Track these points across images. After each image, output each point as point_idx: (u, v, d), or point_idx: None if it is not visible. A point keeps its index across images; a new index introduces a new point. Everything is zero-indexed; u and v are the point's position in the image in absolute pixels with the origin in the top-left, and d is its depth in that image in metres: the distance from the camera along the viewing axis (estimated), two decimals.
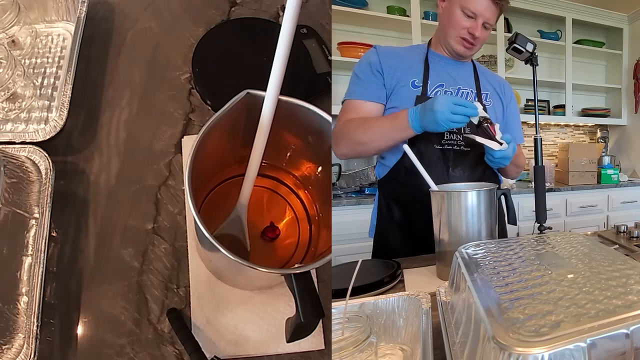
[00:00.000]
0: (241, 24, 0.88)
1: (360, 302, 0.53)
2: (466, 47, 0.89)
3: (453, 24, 0.88)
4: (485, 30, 0.88)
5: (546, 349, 0.28)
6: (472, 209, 0.70)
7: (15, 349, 0.62)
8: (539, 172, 0.89)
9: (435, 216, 0.73)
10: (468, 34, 0.87)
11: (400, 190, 0.90)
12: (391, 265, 0.73)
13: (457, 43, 0.89)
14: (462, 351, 0.38)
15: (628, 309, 0.31)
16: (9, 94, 0.77)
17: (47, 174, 0.71)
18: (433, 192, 0.73)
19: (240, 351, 0.66)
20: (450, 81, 0.90)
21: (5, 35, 0.80)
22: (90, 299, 0.68)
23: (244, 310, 0.69)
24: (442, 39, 0.92)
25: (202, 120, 0.81)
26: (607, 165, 2.22)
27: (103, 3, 0.89)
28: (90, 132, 0.79)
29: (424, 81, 0.88)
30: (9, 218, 0.66)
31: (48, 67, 0.83)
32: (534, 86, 0.95)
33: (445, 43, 0.91)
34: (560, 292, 0.36)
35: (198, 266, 0.70)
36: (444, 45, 0.92)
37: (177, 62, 0.86)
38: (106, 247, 0.71)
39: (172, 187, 0.76)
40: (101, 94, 0.82)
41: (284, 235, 0.69)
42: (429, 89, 0.88)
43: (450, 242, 0.71)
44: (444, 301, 0.50)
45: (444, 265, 0.71)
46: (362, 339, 0.42)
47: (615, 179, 2.16)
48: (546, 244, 0.51)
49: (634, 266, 0.40)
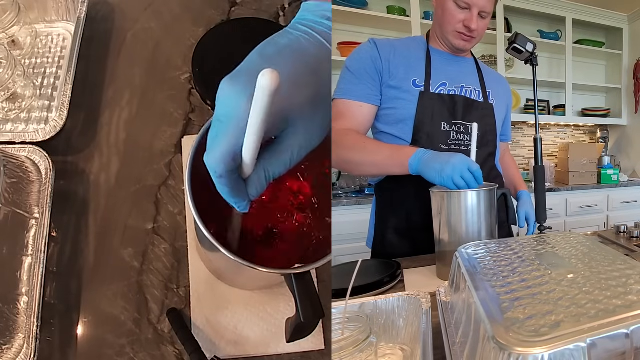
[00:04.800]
0: (241, 24, 0.88)
1: (360, 302, 0.53)
2: (465, 41, 0.86)
3: (448, 17, 0.85)
4: (482, 20, 0.85)
5: (546, 349, 0.28)
6: (472, 209, 0.70)
7: (15, 349, 0.62)
8: (539, 172, 0.89)
9: (435, 216, 0.73)
10: (464, 27, 0.84)
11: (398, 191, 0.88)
12: (391, 265, 0.73)
13: (454, 37, 0.86)
14: (462, 351, 0.38)
15: (628, 309, 0.31)
16: (9, 94, 0.77)
17: (47, 174, 0.71)
18: (433, 192, 0.73)
19: (240, 351, 0.66)
20: (453, 79, 0.88)
21: (5, 35, 0.80)
22: (90, 299, 0.68)
23: (244, 310, 0.69)
24: (440, 35, 0.89)
25: (202, 120, 0.81)
26: (607, 165, 2.22)
27: (103, 3, 0.89)
28: (90, 132, 0.79)
29: (426, 79, 0.86)
30: (9, 218, 0.66)
31: (48, 67, 0.83)
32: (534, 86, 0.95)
33: (442, 38, 0.88)
34: (560, 292, 0.36)
35: (198, 266, 0.70)
36: (442, 40, 0.89)
37: (177, 62, 0.86)
38: (106, 247, 0.71)
39: (172, 187, 0.76)
40: (101, 94, 0.82)
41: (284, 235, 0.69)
42: (432, 86, 0.85)
43: (450, 242, 0.71)
44: (444, 301, 0.50)
45: (444, 265, 0.71)
46: (362, 339, 0.42)
47: (615, 179, 2.16)
48: (546, 244, 0.51)
49: (634, 266, 0.40)
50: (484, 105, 0.90)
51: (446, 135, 0.85)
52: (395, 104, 0.85)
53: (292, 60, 0.40)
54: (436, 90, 0.86)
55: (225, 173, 0.39)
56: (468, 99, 0.88)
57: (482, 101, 0.90)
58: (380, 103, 0.85)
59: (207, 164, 0.40)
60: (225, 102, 0.39)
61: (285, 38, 0.42)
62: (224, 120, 0.38)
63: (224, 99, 0.39)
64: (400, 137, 0.85)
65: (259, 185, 0.41)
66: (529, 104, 2.19)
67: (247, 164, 0.40)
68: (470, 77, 0.90)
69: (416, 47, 0.89)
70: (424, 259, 0.82)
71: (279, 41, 0.42)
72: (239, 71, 0.40)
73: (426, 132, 0.84)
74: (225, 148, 0.38)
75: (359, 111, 0.83)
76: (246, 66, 0.41)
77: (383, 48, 0.86)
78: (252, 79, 0.36)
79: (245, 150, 0.38)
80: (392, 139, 0.85)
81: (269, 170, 0.41)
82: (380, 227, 0.91)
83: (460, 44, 0.87)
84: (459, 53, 0.90)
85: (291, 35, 0.42)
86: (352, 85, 0.84)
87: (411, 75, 0.85)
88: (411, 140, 0.84)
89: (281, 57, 0.40)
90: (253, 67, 0.39)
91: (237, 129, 0.38)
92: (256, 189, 0.41)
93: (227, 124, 0.38)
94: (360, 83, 0.84)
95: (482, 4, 0.83)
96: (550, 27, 2.27)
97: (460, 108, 0.86)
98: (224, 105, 0.39)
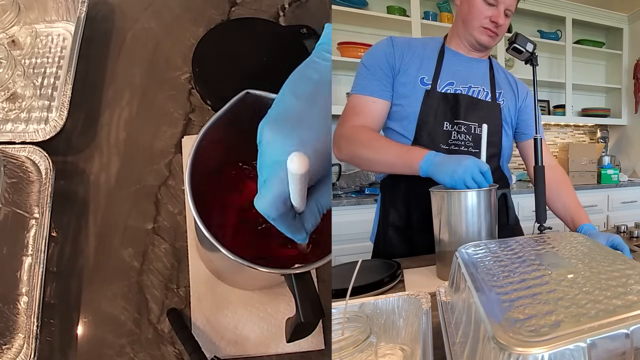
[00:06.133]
0: (241, 24, 0.88)
1: (360, 302, 0.53)
2: (490, 36, 0.87)
3: (475, 13, 0.86)
4: (506, 18, 0.86)
5: (546, 349, 0.28)
6: (472, 209, 0.70)
7: (15, 349, 0.62)
8: (539, 172, 0.89)
9: (435, 216, 0.73)
10: (491, 22, 0.85)
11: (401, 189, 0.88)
12: (391, 265, 0.73)
13: (480, 33, 0.87)
14: (462, 351, 0.38)
15: (628, 309, 0.31)
16: (9, 94, 0.77)
17: (47, 174, 0.71)
18: (433, 192, 0.73)
19: (240, 351, 0.66)
20: (461, 79, 0.88)
21: (5, 35, 0.80)
22: (90, 299, 0.68)
23: (244, 310, 0.69)
24: (463, 32, 0.89)
25: (202, 120, 0.81)
26: (607, 165, 2.22)
27: (103, 3, 0.89)
28: (90, 132, 0.79)
29: (434, 77, 0.86)
30: (9, 218, 0.66)
31: (48, 67, 0.83)
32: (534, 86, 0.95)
33: (467, 35, 0.89)
34: (560, 292, 0.36)
35: (198, 266, 0.70)
36: (464, 38, 0.89)
37: (177, 62, 0.86)
38: (106, 247, 0.71)
39: (172, 187, 0.76)
40: (101, 94, 0.82)
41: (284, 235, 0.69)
42: (438, 85, 0.86)
43: (450, 242, 0.71)
44: (444, 301, 0.50)
45: (444, 265, 0.71)
46: (362, 339, 0.42)
47: (615, 179, 2.16)
48: (546, 244, 0.51)
49: (634, 266, 0.40)
50: (490, 104, 0.89)
51: (447, 135, 0.85)
52: (402, 101, 0.85)
53: (329, 97, 0.41)
54: (442, 90, 0.86)
55: (278, 216, 0.41)
56: (473, 98, 0.88)
57: (490, 101, 0.90)
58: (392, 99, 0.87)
59: (258, 208, 0.42)
60: (270, 149, 0.40)
61: (315, 72, 0.42)
62: (273, 166, 0.40)
63: (269, 146, 0.41)
64: (403, 134, 0.85)
65: (314, 218, 0.44)
66: None
67: (298, 207, 0.42)
68: (479, 77, 0.90)
69: (433, 47, 0.90)
70: (424, 259, 0.82)
71: (310, 76, 0.42)
72: (279, 116, 0.41)
73: (428, 131, 0.84)
74: (276, 193, 0.40)
75: (373, 107, 0.85)
76: (285, 110, 0.42)
77: (398, 45, 0.87)
78: (294, 124, 0.39)
79: (294, 198, 0.40)
80: (396, 135, 0.86)
81: (320, 202, 0.43)
82: (383, 223, 0.91)
83: (486, 40, 0.88)
84: (479, 51, 0.90)
85: (319, 66, 0.42)
86: (367, 81, 0.85)
87: (421, 73, 0.86)
88: (413, 138, 0.84)
89: (319, 96, 0.41)
90: (292, 111, 0.41)
91: (286, 174, 0.39)
92: (312, 223, 0.44)
93: (276, 170, 0.40)
94: (374, 79, 0.85)
95: (509, 2, 0.85)
96: (550, 27, 2.27)
97: (462, 108, 0.86)
98: (270, 152, 0.41)
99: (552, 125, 2.36)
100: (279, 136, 0.40)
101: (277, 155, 0.40)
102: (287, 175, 0.39)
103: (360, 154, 0.81)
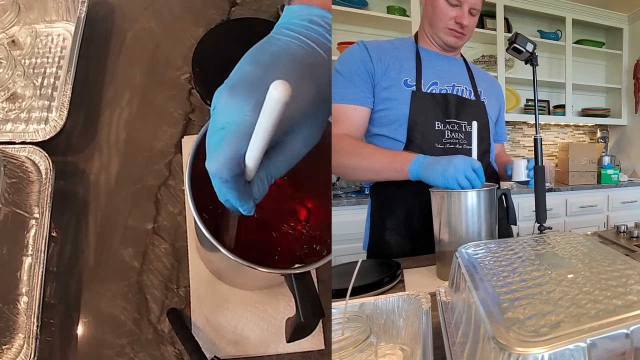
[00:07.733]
0: (241, 24, 0.88)
1: (360, 302, 0.53)
2: (456, 37, 0.87)
3: (439, 15, 0.85)
4: (472, 17, 0.86)
5: (546, 349, 0.28)
6: (472, 209, 0.70)
7: (15, 349, 0.62)
8: (539, 172, 0.89)
9: (435, 216, 0.73)
10: (455, 23, 0.85)
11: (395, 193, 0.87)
12: (391, 265, 0.73)
13: (446, 34, 0.87)
14: (462, 351, 0.38)
15: (628, 309, 0.31)
16: (9, 94, 0.77)
17: (47, 174, 0.71)
18: (433, 192, 0.73)
19: (240, 351, 0.66)
20: (443, 79, 0.88)
21: (5, 35, 0.80)
22: (90, 299, 0.68)
23: (244, 310, 0.69)
24: (430, 33, 0.89)
25: (202, 120, 0.81)
26: (607, 165, 2.22)
27: (103, 3, 0.89)
28: (90, 132, 0.79)
29: (417, 78, 0.85)
30: (9, 218, 0.67)
31: (48, 67, 0.83)
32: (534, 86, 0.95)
33: (433, 36, 0.88)
34: (560, 292, 0.36)
35: (198, 266, 0.70)
36: (432, 38, 0.89)
37: (177, 62, 0.86)
38: (106, 247, 0.71)
39: (172, 187, 0.76)
40: (101, 94, 0.82)
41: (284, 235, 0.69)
42: (423, 86, 0.85)
43: (450, 242, 0.71)
44: (444, 301, 0.50)
45: (444, 265, 0.71)
46: (362, 339, 0.42)
47: (615, 179, 2.16)
48: (546, 244, 0.51)
49: (634, 266, 0.40)
50: (475, 103, 0.90)
51: (441, 135, 0.85)
52: (388, 104, 0.84)
53: (287, 67, 0.41)
54: (428, 90, 0.86)
55: (231, 178, 0.40)
56: (460, 97, 0.88)
57: (474, 99, 0.90)
58: (373, 105, 0.85)
59: (209, 170, 0.41)
60: (226, 111, 0.40)
61: (274, 45, 0.42)
62: (227, 127, 0.39)
63: (224, 108, 0.40)
64: (394, 138, 0.84)
65: (262, 187, 0.42)
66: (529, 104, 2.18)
67: (251, 169, 0.40)
68: (460, 76, 0.90)
69: (405, 48, 0.89)
70: (423, 259, 0.82)
71: (269, 48, 0.42)
72: (236, 81, 0.41)
73: (420, 132, 0.84)
74: (230, 154, 0.39)
75: (354, 114, 0.83)
76: (242, 76, 0.41)
77: (373, 49, 0.85)
78: (251, 88, 0.38)
79: (249, 157, 0.39)
80: (386, 140, 0.85)
81: (271, 171, 0.42)
82: (376, 229, 0.90)
83: (452, 41, 0.88)
84: (449, 51, 0.90)
85: (279, 42, 0.42)
86: (345, 89, 0.83)
87: (402, 75, 0.85)
88: (405, 140, 0.84)
89: (277, 64, 0.41)
90: (250, 76, 0.40)
91: (241, 136, 0.39)
92: (259, 191, 0.42)
93: (230, 132, 0.39)
94: (352, 86, 0.83)
95: (473, 1, 0.85)
96: (550, 27, 2.27)
97: (453, 107, 0.87)
98: (225, 114, 0.40)
99: (552, 125, 2.36)
100: (235, 98, 0.39)
101: (233, 116, 0.39)
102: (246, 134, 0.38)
103: (345, 163, 0.79)
